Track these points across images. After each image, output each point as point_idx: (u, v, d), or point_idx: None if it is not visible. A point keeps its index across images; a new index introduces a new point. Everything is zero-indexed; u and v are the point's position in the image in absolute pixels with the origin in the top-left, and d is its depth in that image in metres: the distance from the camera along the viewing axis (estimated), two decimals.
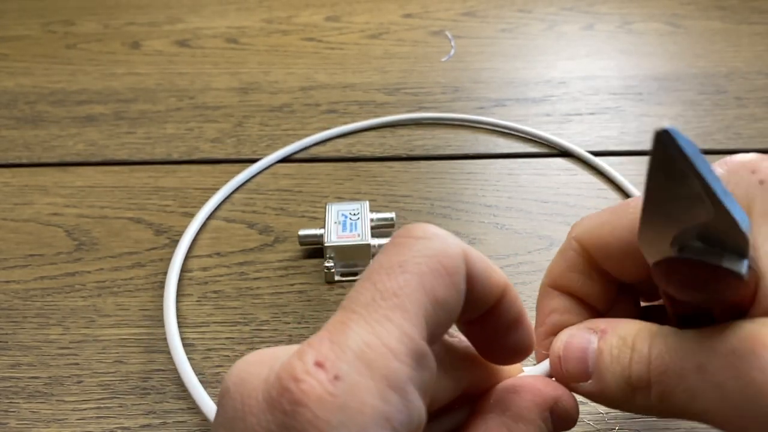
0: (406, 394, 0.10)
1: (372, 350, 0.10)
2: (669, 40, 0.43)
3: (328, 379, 0.10)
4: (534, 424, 0.12)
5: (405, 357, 0.10)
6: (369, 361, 0.10)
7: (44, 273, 0.26)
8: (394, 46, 0.44)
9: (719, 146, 0.33)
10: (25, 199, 0.31)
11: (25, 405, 0.21)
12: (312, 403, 0.09)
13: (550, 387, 0.13)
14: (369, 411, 0.09)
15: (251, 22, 0.47)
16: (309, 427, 0.09)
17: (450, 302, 0.11)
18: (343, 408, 0.09)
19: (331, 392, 0.09)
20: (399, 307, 0.10)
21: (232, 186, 0.30)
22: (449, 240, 0.11)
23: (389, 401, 0.10)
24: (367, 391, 0.10)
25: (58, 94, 0.39)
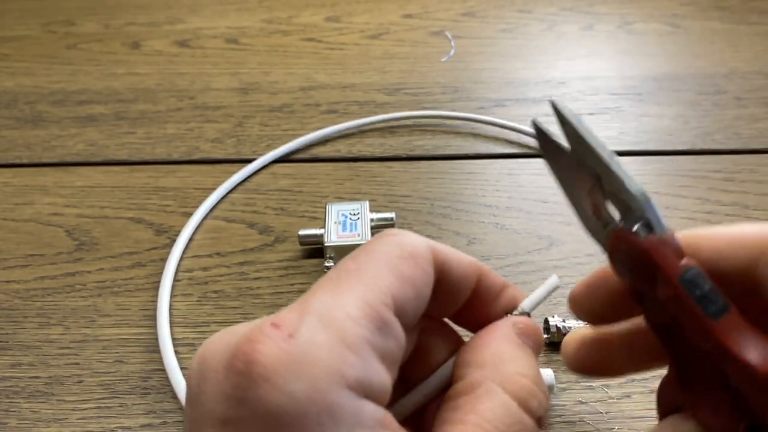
0: (363, 355, 0.10)
1: (330, 314, 0.10)
2: (669, 41, 0.43)
3: (283, 337, 0.10)
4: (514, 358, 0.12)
5: (363, 321, 0.10)
6: (326, 323, 0.10)
7: (45, 273, 0.26)
8: (394, 47, 0.44)
9: (719, 146, 0.33)
10: (25, 199, 0.31)
11: (26, 405, 0.21)
12: (264, 358, 0.10)
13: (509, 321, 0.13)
14: (322, 365, 0.10)
15: (251, 23, 0.47)
16: (261, 382, 0.09)
17: (417, 281, 0.11)
18: (296, 362, 0.10)
19: (285, 348, 0.10)
20: (361, 281, 0.11)
21: (227, 186, 0.30)
22: (414, 235, 0.12)
23: (344, 358, 0.10)
24: (321, 347, 0.10)
25: (59, 94, 0.39)
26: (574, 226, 0.28)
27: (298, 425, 0.09)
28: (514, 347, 0.12)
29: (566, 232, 0.28)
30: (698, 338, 0.12)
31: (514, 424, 0.11)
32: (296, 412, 0.09)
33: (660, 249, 0.12)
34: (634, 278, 0.13)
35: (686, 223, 0.28)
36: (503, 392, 0.11)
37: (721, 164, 0.32)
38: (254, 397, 0.09)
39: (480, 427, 0.10)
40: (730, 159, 0.32)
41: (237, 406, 0.10)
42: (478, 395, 0.11)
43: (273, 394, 0.09)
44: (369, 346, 0.10)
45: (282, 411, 0.09)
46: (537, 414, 0.11)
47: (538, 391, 0.11)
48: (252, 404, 0.09)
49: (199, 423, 0.10)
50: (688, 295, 0.11)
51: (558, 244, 0.27)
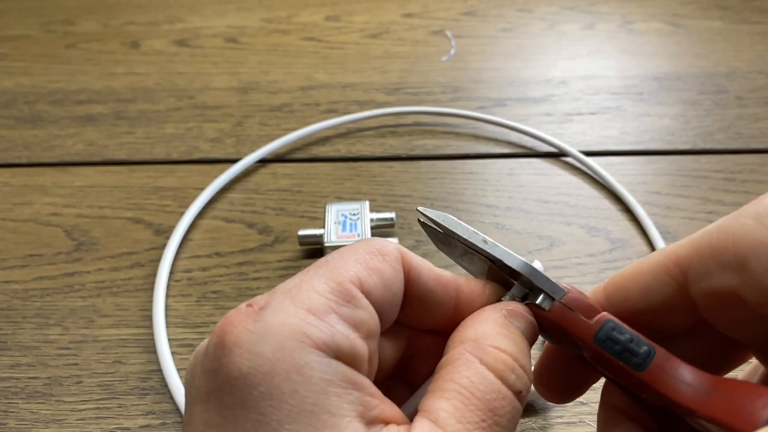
0: (329, 320, 0.11)
1: (297, 288, 0.11)
2: (670, 40, 0.43)
3: (254, 310, 0.11)
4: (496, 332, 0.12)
5: (328, 294, 0.11)
6: (293, 296, 0.11)
7: (43, 273, 0.26)
8: (394, 46, 0.43)
9: (720, 146, 0.33)
10: (24, 199, 0.31)
11: (25, 405, 0.21)
12: (235, 328, 0.11)
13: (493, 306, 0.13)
14: (288, 328, 0.10)
15: (251, 22, 0.47)
16: (233, 348, 0.10)
17: (385, 273, 0.12)
18: (264, 328, 0.10)
19: (254, 318, 0.11)
20: (330, 268, 0.12)
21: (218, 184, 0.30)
22: (386, 240, 0.13)
23: (309, 322, 0.11)
24: (287, 313, 0.11)
25: (58, 93, 0.39)
26: (575, 226, 0.28)
27: (268, 383, 0.10)
28: (498, 326, 0.12)
29: (567, 233, 0.28)
30: (636, 390, 0.12)
31: (490, 393, 0.11)
32: (265, 370, 0.10)
33: (566, 316, 0.12)
34: (564, 346, 0.13)
35: (687, 223, 0.28)
36: (480, 363, 0.11)
37: (723, 164, 0.32)
38: (226, 363, 0.10)
39: (457, 393, 0.11)
40: (731, 159, 0.32)
41: (215, 376, 0.10)
42: (456, 366, 0.11)
43: (242, 357, 0.10)
44: (335, 314, 0.11)
45: (252, 371, 0.10)
46: (516, 387, 0.11)
47: (518, 366, 0.11)
48: (225, 370, 0.10)
49: (191, 404, 0.11)
50: (608, 355, 0.12)
51: (558, 244, 0.27)
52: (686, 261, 0.12)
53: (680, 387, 0.11)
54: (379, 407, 0.11)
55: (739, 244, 0.11)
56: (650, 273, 0.12)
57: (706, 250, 0.11)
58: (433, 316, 0.13)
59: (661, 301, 0.12)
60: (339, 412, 0.10)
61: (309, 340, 0.10)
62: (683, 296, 0.12)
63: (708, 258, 0.11)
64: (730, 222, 0.11)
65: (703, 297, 0.12)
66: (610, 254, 0.27)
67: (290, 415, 0.10)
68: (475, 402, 0.11)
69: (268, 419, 0.10)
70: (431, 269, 0.13)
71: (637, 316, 0.12)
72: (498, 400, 0.11)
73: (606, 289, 0.13)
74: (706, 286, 0.11)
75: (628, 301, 0.13)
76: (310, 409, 0.10)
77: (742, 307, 0.11)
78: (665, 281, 0.12)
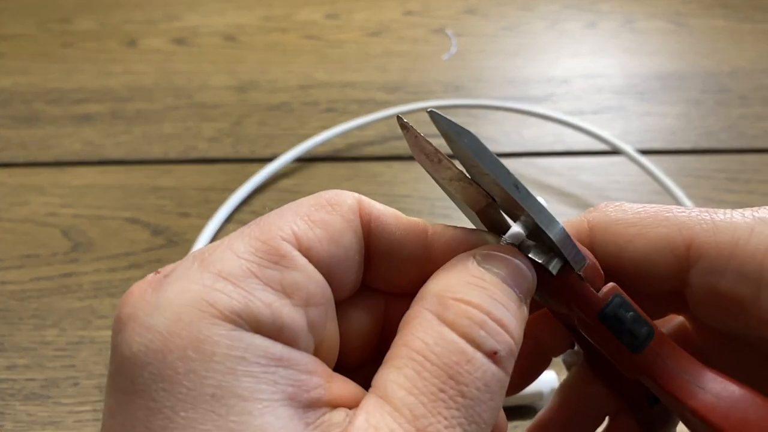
0: (245, 286, 0.09)
1: (212, 250, 0.09)
2: (672, 39, 0.43)
3: (157, 278, 0.09)
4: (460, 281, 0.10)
5: (249, 255, 0.09)
6: (205, 260, 0.09)
7: (40, 274, 0.26)
8: (395, 44, 0.43)
9: (723, 145, 0.33)
10: (21, 198, 0.30)
11: (21, 407, 0.21)
12: (133, 298, 0.09)
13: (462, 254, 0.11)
14: (187, 296, 0.09)
15: (249, 20, 0.47)
16: (128, 322, 0.09)
17: (333, 225, 0.10)
18: (161, 298, 0.09)
19: (154, 287, 0.09)
20: (259, 225, 0.10)
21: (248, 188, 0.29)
22: (344, 191, 0.11)
23: (216, 288, 0.09)
24: (190, 280, 0.09)
25: (55, 92, 0.39)
26: None
27: (160, 362, 0.08)
28: (467, 274, 0.10)
29: None
30: (626, 371, 0.11)
31: (450, 355, 0.09)
32: (156, 347, 0.08)
33: (576, 286, 0.11)
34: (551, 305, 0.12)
35: None
36: (438, 321, 0.09)
37: (725, 164, 0.31)
38: (119, 341, 0.09)
39: (409, 359, 0.09)
40: (734, 158, 0.32)
41: (112, 356, 0.09)
42: (412, 327, 0.09)
43: (134, 332, 0.09)
44: (255, 278, 0.09)
45: (142, 348, 0.08)
46: (486, 347, 0.09)
47: (489, 320, 0.09)
48: (118, 349, 0.09)
49: (107, 393, 0.09)
50: (610, 335, 0.11)
51: None
52: (701, 249, 0.10)
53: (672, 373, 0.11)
54: (322, 387, 0.09)
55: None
56: (654, 244, 0.11)
57: (727, 249, 0.10)
58: (405, 275, 0.11)
59: (652, 271, 0.11)
60: (253, 395, 0.08)
61: (213, 310, 0.09)
62: (678, 276, 0.11)
63: (729, 258, 0.10)
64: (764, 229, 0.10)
65: (701, 288, 0.11)
66: None
67: (186, 401, 0.08)
68: (430, 368, 0.09)
69: (160, 406, 0.08)
70: (398, 218, 0.11)
71: (614, 267, 0.11)
72: (462, 364, 0.09)
73: (595, 232, 0.11)
74: (713, 281, 0.10)
75: (615, 254, 0.11)
76: (211, 392, 0.08)
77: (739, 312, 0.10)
78: (667, 258, 0.11)
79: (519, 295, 0.10)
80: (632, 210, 0.11)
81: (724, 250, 0.10)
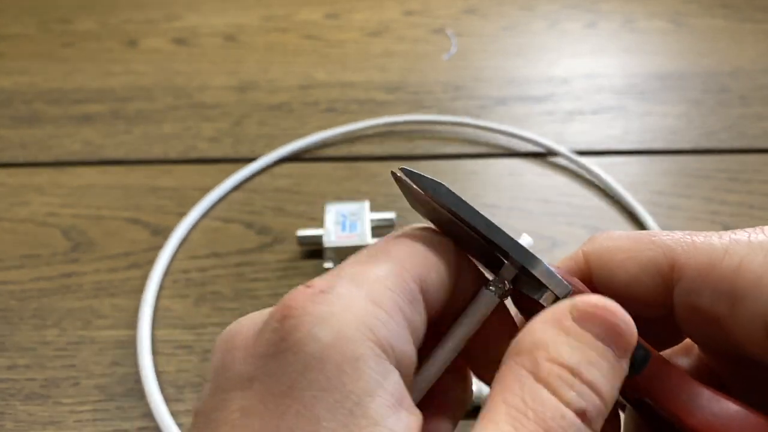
0: (395, 318, 0.10)
1: (361, 276, 0.10)
2: (672, 39, 0.43)
3: (314, 292, 0.10)
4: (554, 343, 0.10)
5: (394, 287, 0.10)
6: (357, 282, 0.10)
7: (40, 274, 0.26)
8: (395, 44, 0.43)
9: (723, 145, 0.33)
10: (21, 198, 0.30)
11: (22, 407, 0.21)
12: (298, 311, 0.10)
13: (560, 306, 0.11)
14: (351, 316, 0.10)
15: (249, 20, 0.47)
16: (294, 332, 0.09)
17: (441, 268, 0.11)
18: (326, 310, 0.10)
19: (316, 300, 0.10)
20: (390, 258, 0.11)
21: (226, 187, 0.30)
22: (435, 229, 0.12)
23: (373, 314, 0.10)
24: (351, 299, 0.10)
25: (55, 92, 0.39)
26: (577, 226, 0.28)
27: (319, 371, 0.09)
28: (559, 332, 0.10)
29: (568, 233, 0.28)
30: (627, 393, 0.11)
31: (546, 412, 0.09)
32: (319, 356, 0.09)
33: None
34: None
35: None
36: (533, 380, 0.10)
37: (726, 163, 0.31)
38: (284, 347, 0.09)
39: (509, 416, 0.09)
40: (734, 158, 0.32)
41: (267, 361, 0.10)
42: (508, 385, 0.10)
43: (301, 341, 0.09)
44: (400, 313, 0.10)
45: (306, 356, 0.09)
46: (577, 407, 0.09)
47: (578, 381, 0.10)
48: (282, 355, 0.09)
49: (224, 388, 0.10)
50: None
51: (560, 244, 0.27)
52: (682, 270, 0.11)
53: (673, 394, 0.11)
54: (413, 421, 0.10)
55: (742, 278, 0.10)
56: (642, 267, 0.12)
57: (705, 270, 0.11)
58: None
59: (642, 292, 0.12)
60: (381, 421, 0.09)
61: (371, 334, 0.09)
62: (665, 294, 0.12)
63: (706, 278, 0.11)
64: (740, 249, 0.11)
65: (684, 308, 0.11)
66: None
67: (330, 410, 0.09)
68: (527, 423, 0.09)
69: (309, 412, 0.09)
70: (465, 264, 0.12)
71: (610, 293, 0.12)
72: (556, 420, 0.09)
73: (589, 260, 0.12)
74: (693, 300, 0.11)
75: (609, 279, 0.12)
76: (351, 407, 0.09)
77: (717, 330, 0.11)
78: (655, 279, 0.12)
79: (615, 353, 0.10)
80: (620, 237, 0.12)
81: (702, 270, 0.11)
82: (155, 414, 0.20)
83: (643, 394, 0.11)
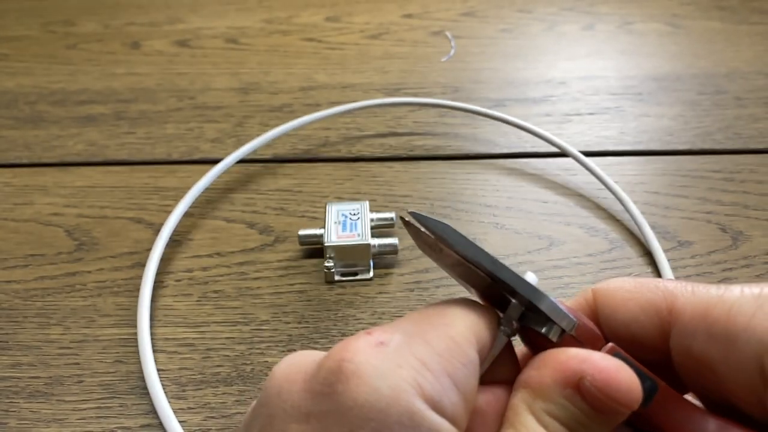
0: (441, 380, 0.10)
1: (416, 336, 0.11)
2: (669, 41, 0.43)
3: (375, 341, 0.11)
4: (553, 401, 0.11)
5: (446, 355, 0.11)
6: (412, 346, 0.11)
7: (44, 273, 0.26)
8: (394, 47, 0.44)
9: (719, 146, 0.33)
10: (25, 199, 0.31)
11: (26, 405, 0.21)
12: (356, 356, 0.10)
13: (575, 360, 0.11)
14: (404, 373, 0.10)
15: (251, 23, 0.47)
16: (351, 376, 0.10)
17: (490, 325, 0.12)
18: (384, 364, 0.10)
19: (375, 354, 0.10)
20: (449, 322, 0.11)
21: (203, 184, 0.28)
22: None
23: (423, 374, 0.10)
24: (405, 359, 0.10)
25: (58, 94, 0.39)
26: (574, 226, 0.28)
27: (382, 421, 0.10)
28: (562, 391, 0.11)
29: (566, 232, 0.28)
30: (638, 425, 0.12)
31: None
32: (380, 408, 0.10)
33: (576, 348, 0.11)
34: None
35: (686, 223, 0.28)
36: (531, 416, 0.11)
37: (721, 164, 0.32)
38: (342, 390, 0.10)
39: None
40: (730, 159, 0.32)
41: (324, 400, 0.10)
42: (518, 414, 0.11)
43: (360, 388, 0.10)
44: (448, 377, 0.11)
45: (367, 405, 0.10)
46: None
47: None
48: (339, 397, 0.10)
49: (282, 418, 0.11)
50: None
51: (558, 244, 0.27)
52: (678, 312, 0.12)
53: (685, 425, 0.11)
54: None
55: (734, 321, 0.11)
56: (642, 307, 0.12)
57: (700, 314, 0.11)
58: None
59: (641, 333, 0.12)
60: None
61: (420, 390, 0.10)
62: (663, 338, 0.12)
63: (700, 321, 0.11)
64: (733, 295, 0.11)
65: (679, 351, 0.12)
66: (609, 254, 0.27)
67: None
68: None
69: None
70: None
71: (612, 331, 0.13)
72: None
73: (596, 297, 0.13)
74: (688, 344, 0.12)
75: (611, 318, 0.13)
76: None
77: (713, 378, 0.11)
78: (653, 320, 0.12)
79: (609, 417, 0.11)
80: (627, 280, 0.13)
81: (697, 314, 0.11)
82: (158, 411, 0.20)
83: (653, 425, 0.11)
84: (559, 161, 0.33)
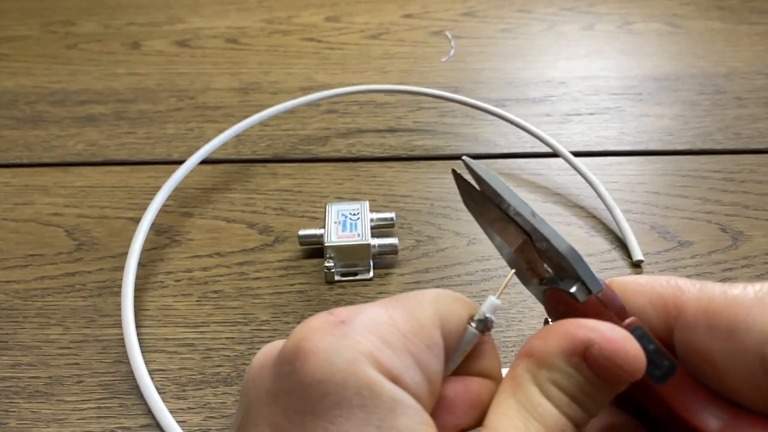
0: (402, 358, 0.11)
1: (378, 319, 0.11)
2: (669, 41, 0.43)
3: (334, 322, 0.11)
4: (559, 370, 0.11)
5: (410, 335, 0.11)
6: (374, 325, 0.11)
7: (44, 273, 0.26)
8: (394, 47, 0.44)
9: (719, 146, 0.33)
10: (25, 199, 0.31)
11: (26, 405, 0.21)
12: (314, 335, 0.11)
13: (583, 329, 0.11)
14: (361, 347, 0.10)
15: (251, 23, 0.47)
16: (310, 354, 0.10)
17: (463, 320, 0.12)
18: (341, 341, 0.10)
19: (334, 330, 0.11)
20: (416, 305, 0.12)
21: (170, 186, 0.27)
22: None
23: (383, 351, 0.10)
24: (363, 336, 0.11)
25: (59, 94, 0.39)
26: (574, 226, 0.28)
27: (340, 394, 0.10)
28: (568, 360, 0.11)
29: (565, 233, 0.28)
30: (648, 403, 0.12)
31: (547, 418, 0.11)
32: (337, 381, 0.10)
33: (600, 313, 0.12)
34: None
35: (686, 223, 0.28)
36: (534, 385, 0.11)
37: (721, 164, 0.32)
38: (299, 367, 0.10)
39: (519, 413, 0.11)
40: (730, 159, 0.32)
41: (286, 379, 0.11)
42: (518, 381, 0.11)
43: (317, 364, 0.10)
44: (410, 355, 0.11)
45: (324, 380, 0.10)
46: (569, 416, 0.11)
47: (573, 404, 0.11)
48: (298, 375, 0.10)
49: (257, 404, 0.11)
50: None
51: None
52: (682, 306, 0.12)
53: (697, 409, 0.11)
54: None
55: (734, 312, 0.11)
56: (650, 300, 0.12)
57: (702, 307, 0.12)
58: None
59: (649, 328, 0.12)
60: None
61: (377, 364, 0.10)
62: (669, 333, 0.12)
63: (702, 314, 0.11)
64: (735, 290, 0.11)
65: (683, 345, 0.12)
66: (610, 254, 0.27)
67: (357, 427, 0.10)
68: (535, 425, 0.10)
69: (338, 428, 0.10)
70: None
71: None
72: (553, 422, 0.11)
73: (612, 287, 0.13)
74: (690, 338, 0.12)
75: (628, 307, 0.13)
76: (377, 423, 0.10)
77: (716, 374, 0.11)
78: (661, 315, 0.12)
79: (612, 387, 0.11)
80: (644, 276, 0.14)
81: (699, 308, 0.12)
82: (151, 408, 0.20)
83: (666, 405, 0.11)
84: (560, 161, 0.33)
